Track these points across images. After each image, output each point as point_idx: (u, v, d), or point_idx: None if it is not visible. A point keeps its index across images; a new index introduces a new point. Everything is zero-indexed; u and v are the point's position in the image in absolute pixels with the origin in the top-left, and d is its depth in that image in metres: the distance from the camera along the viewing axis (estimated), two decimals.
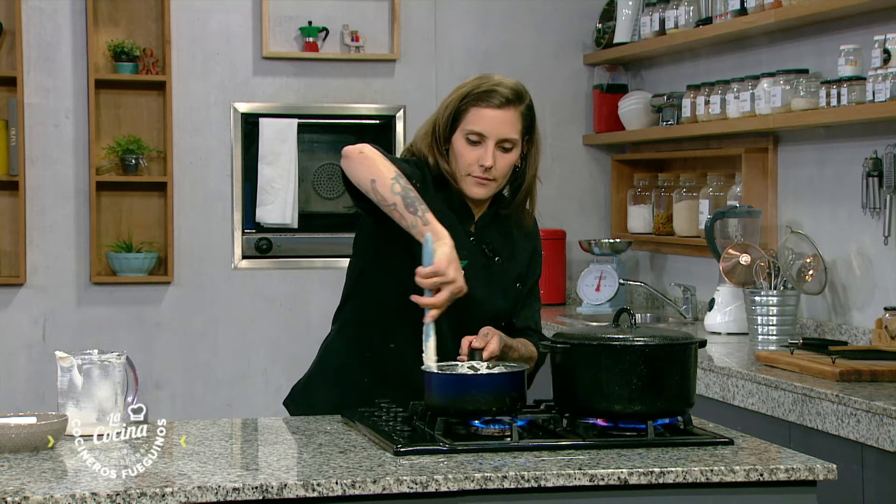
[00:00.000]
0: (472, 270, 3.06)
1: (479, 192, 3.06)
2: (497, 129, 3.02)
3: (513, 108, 3.04)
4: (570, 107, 6.31)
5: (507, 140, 3.03)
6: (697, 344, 2.77)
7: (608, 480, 2.45)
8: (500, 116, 3.02)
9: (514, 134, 3.04)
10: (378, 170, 2.90)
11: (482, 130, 3.02)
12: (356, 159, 2.93)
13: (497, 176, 3.04)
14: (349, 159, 2.94)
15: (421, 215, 2.85)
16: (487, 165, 3.01)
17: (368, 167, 2.91)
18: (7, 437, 2.57)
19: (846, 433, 3.44)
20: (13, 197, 5.74)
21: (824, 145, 4.70)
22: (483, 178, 3.03)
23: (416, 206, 2.86)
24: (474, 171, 3.03)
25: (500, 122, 3.02)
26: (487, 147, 3.02)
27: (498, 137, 3.02)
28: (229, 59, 5.96)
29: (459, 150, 3.04)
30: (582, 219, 6.31)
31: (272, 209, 5.92)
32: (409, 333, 2.99)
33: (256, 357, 6.01)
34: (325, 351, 3.25)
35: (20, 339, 5.80)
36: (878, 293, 4.39)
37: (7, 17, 5.73)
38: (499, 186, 3.08)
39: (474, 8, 6.18)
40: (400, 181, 2.88)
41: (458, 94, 3.07)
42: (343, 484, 2.36)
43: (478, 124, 3.02)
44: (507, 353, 2.99)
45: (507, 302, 3.15)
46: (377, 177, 2.89)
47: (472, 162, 3.02)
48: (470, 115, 3.03)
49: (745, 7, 4.89)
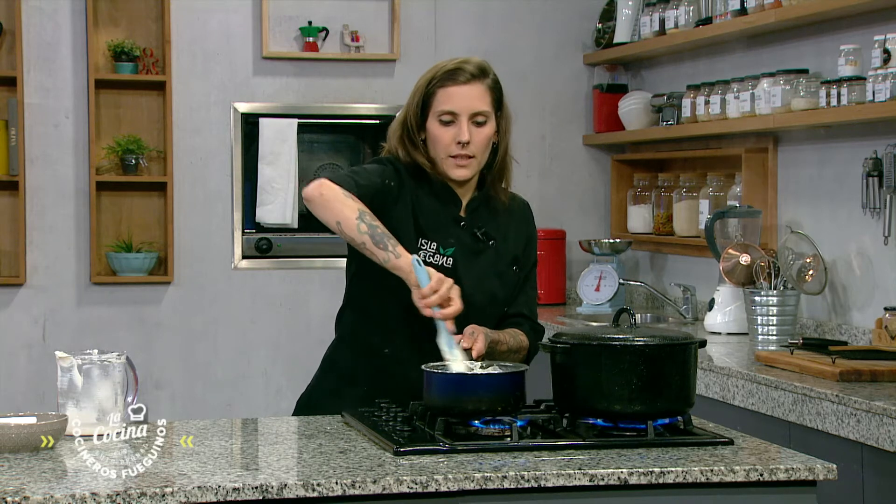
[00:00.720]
0: (463, 256, 3.06)
1: (460, 173, 3.06)
2: (467, 103, 3.04)
3: (479, 82, 3.07)
4: (570, 107, 6.31)
5: (480, 113, 3.05)
6: (697, 344, 2.77)
7: (608, 480, 2.45)
8: (469, 91, 3.05)
9: (486, 106, 3.06)
10: (341, 212, 2.91)
11: (453, 108, 3.04)
12: (318, 203, 2.94)
13: (476, 152, 3.05)
14: (312, 202, 2.95)
15: (392, 249, 2.88)
16: (464, 140, 3.02)
17: (332, 210, 2.92)
18: (7, 437, 2.57)
19: (846, 433, 3.44)
20: (13, 197, 5.74)
21: (824, 145, 4.70)
22: (462, 156, 3.04)
23: (384, 241, 2.88)
24: (452, 150, 3.04)
25: (469, 97, 3.05)
26: (461, 123, 3.03)
27: (470, 112, 3.04)
28: (229, 59, 5.96)
29: (435, 134, 3.06)
30: (582, 219, 6.31)
31: (272, 209, 5.92)
32: (405, 336, 2.99)
33: (256, 357, 6.01)
34: (326, 361, 3.25)
35: (20, 339, 5.80)
36: (878, 293, 4.39)
37: (7, 17, 5.73)
38: (480, 164, 3.08)
39: (474, 8, 6.18)
40: (365, 219, 2.90)
41: (423, 81, 3.10)
42: (343, 484, 2.36)
43: (448, 103, 3.04)
44: (494, 348, 2.98)
45: (503, 286, 3.14)
46: (341, 219, 2.91)
47: (449, 142, 3.04)
48: (438, 96, 3.06)
49: (745, 7, 4.89)
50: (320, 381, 3.23)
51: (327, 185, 2.93)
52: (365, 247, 2.89)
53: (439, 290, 2.81)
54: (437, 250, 3.05)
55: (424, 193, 3.08)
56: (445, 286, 2.81)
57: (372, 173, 3.03)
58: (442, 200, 3.10)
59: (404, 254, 2.87)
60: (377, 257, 2.89)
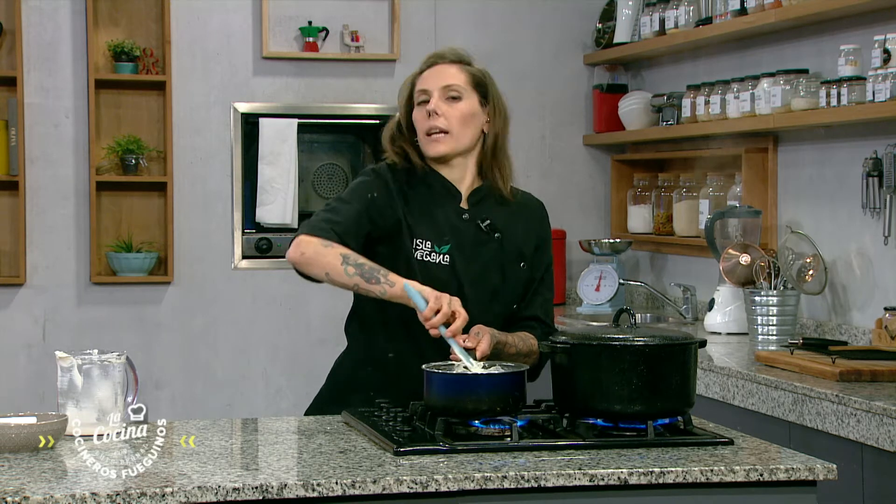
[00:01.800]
0: (464, 249, 3.06)
1: (434, 148, 3.08)
2: (436, 80, 3.09)
3: (452, 64, 3.11)
4: (570, 107, 6.31)
5: (450, 87, 3.07)
6: (697, 344, 2.77)
7: (608, 480, 2.45)
8: (438, 70, 3.11)
9: (457, 81, 3.08)
10: (326, 262, 2.94)
11: (425, 86, 3.09)
12: (303, 263, 2.97)
13: (448, 126, 3.06)
14: (297, 265, 2.98)
15: (385, 281, 2.90)
16: (431, 109, 3.05)
17: (316, 265, 2.95)
18: (7, 437, 2.57)
19: (846, 433, 3.44)
20: (13, 197, 5.74)
21: (824, 145, 4.70)
22: (433, 129, 3.06)
23: (375, 275, 2.91)
24: (424, 126, 3.07)
25: (438, 74, 3.10)
26: (432, 97, 3.07)
27: (439, 87, 3.07)
28: (229, 59, 5.96)
29: (415, 118, 3.11)
30: (582, 219, 6.31)
31: (272, 209, 5.92)
32: (409, 342, 2.99)
33: (256, 357, 6.01)
34: (334, 368, 3.25)
35: (20, 339, 5.80)
36: (878, 293, 4.39)
37: (7, 17, 5.73)
38: (456, 141, 3.08)
39: (474, 8, 6.18)
40: (349, 261, 2.92)
41: (407, 80, 3.16)
42: (343, 484, 2.36)
43: (421, 84, 3.11)
44: (502, 350, 2.97)
45: (506, 281, 3.12)
46: (328, 269, 2.94)
47: (423, 119, 3.08)
48: (416, 84, 3.12)
49: (745, 7, 4.89)
50: (328, 389, 3.23)
51: (304, 242, 2.96)
52: (359, 288, 2.93)
53: (441, 309, 2.81)
54: (433, 249, 3.05)
55: (419, 193, 3.08)
56: (445, 303, 2.82)
57: (350, 199, 3.06)
58: (440, 197, 3.10)
59: (398, 281, 2.89)
60: (374, 293, 2.91)
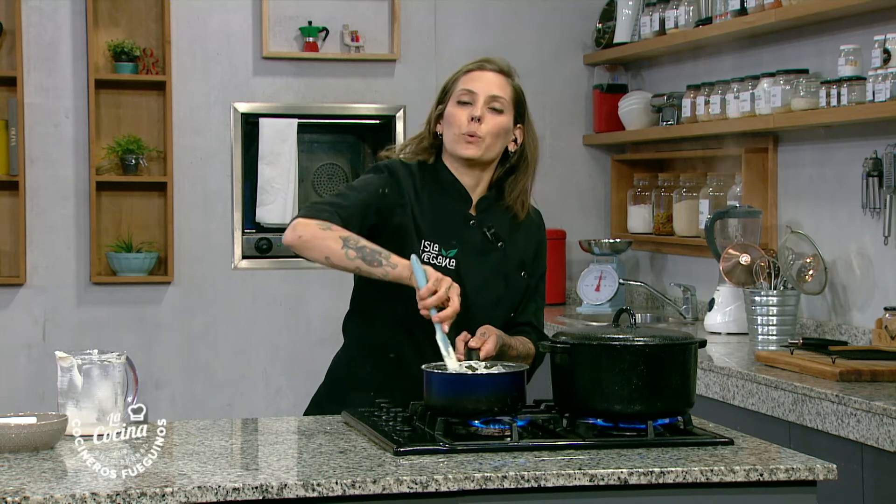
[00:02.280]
0: (469, 255, 3.06)
1: (468, 150, 3.06)
2: (487, 86, 3.06)
3: (503, 76, 3.10)
4: (570, 107, 6.32)
5: (497, 99, 3.06)
6: (697, 344, 2.77)
7: (608, 480, 2.45)
8: (490, 77, 3.09)
9: (504, 95, 3.07)
10: (326, 246, 2.90)
11: (472, 87, 3.07)
12: (300, 246, 2.93)
13: (485, 135, 3.05)
14: (295, 248, 2.94)
15: (386, 263, 2.88)
16: (477, 115, 3.03)
17: (316, 248, 2.91)
18: (7, 437, 2.57)
19: (846, 433, 3.44)
20: (13, 197, 5.74)
21: (824, 145, 4.70)
22: (471, 135, 3.04)
23: (376, 258, 2.89)
24: (464, 127, 3.05)
25: (489, 81, 3.08)
26: (477, 102, 3.05)
27: (487, 94, 3.06)
28: (229, 59, 5.96)
29: (451, 113, 3.08)
30: (582, 219, 6.31)
31: (272, 209, 5.92)
32: (410, 341, 2.99)
33: (256, 357, 6.01)
34: (333, 367, 3.24)
35: (20, 339, 5.80)
36: (878, 293, 4.39)
37: (7, 17, 5.73)
38: (488, 149, 3.07)
39: (474, 8, 6.18)
40: (350, 244, 2.89)
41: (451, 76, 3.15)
42: (343, 484, 2.36)
43: (469, 83, 3.08)
44: (505, 352, 2.98)
45: (508, 289, 3.13)
46: (328, 253, 2.90)
47: (463, 120, 3.05)
48: (461, 81, 3.10)
49: (745, 7, 4.89)
50: (327, 388, 3.22)
51: (301, 225, 2.92)
52: (361, 270, 2.90)
53: (438, 292, 2.80)
54: (440, 252, 3.05)
55: (430, 194, 3.08)
56: (444, 287, 2.81)
57: (361, 188, 3.04)
58: (450, 198, 3.09)
59: (400, 262, 2.87)
60: (376, 275, 2.89)
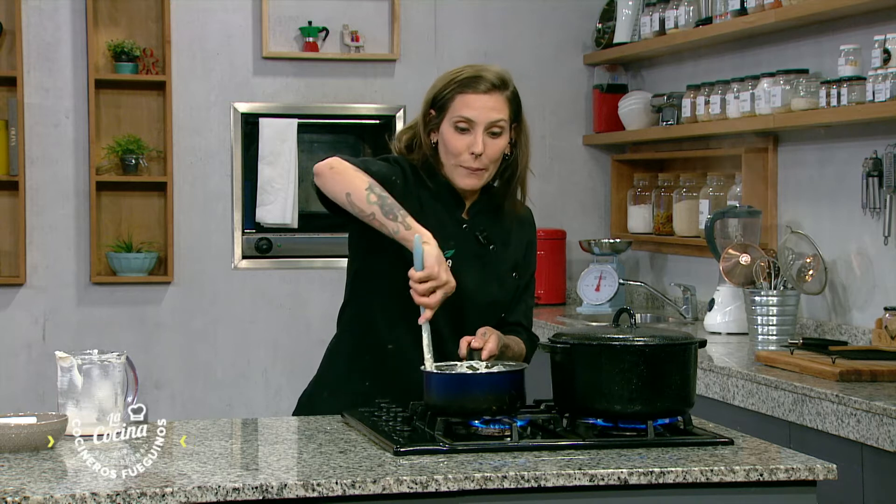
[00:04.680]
0: (464, 259, 3.06)
1: (469, 182, 3.05)
2: (485, 114, 3.01)
3: (499, 93, 3.04)
4: (570, 107, 6.32)
5: (496, 125, 3.02)
6: (697, 344, 2.77)
7: (608, 480, 2.45)
8: (487, 101, 3.02)
9: (502, 118, 3.04)
10: (352, 182, 2.91)
11: (470, 116, 3.01)
12: (328, 175, 2.94)
13: (488, 164, 3.04)
14: (321, 176, 2.95)
15: (402, 220, 2.87)
16: (478, 152, 3.01)
17: (341, 181, 2.91)
18: (7, 437, 2.57)
19: (846, 433, 3.44)
20: (13, 197, 5.75)
21: (824, 145, 4.70)
22: (474, 167, 3.02)
23: (394, 212, 2.87)
24: (464, 160, 3.02)
25: (487, 108, 3.02)
26: (476, 133, 3.01)
27: (486, 122, 3.01)
28: (229, 59, 5.96)
29: (448, 139, 3.03)
30: (582, 219, 6.31)
31: (272, 209, 5.92)
32: (407, 333, 2.99)
33: (256, 357, 6.01)
34: (328, 358, 3.24)
35: (20, 339, 5.80)
36: (878, 293, 4.39)
37: (7, 17, 5.73)
38: (490, 175, 3.07)
39: (474, 8, 6.18)
40: (375, 190, 2.89)
41: (442, 83, 3.07)
42: (343, 484, 2.36)
43: (465, 110, 3.01)
44: (503, 352, 2.99)
45: (502, 291, 3.13)
46: (351, 190, 2.90)
47: (462, 150, 3.02)
48: (456, 102, 3.03)
49: (745, 7, 4.89)
50: (323, 378, 3.22)
51: (338, 161, 2.95)
52: (374, 217, 2.88)
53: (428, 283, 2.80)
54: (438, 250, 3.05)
55: (428, 195, 3.08)
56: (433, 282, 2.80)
57: (381, 167, 3.04)
58: (445, 202, 3.09)
59: (415, 226, 2.86)
60: (387, 228, 2.87)
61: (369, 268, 3.07)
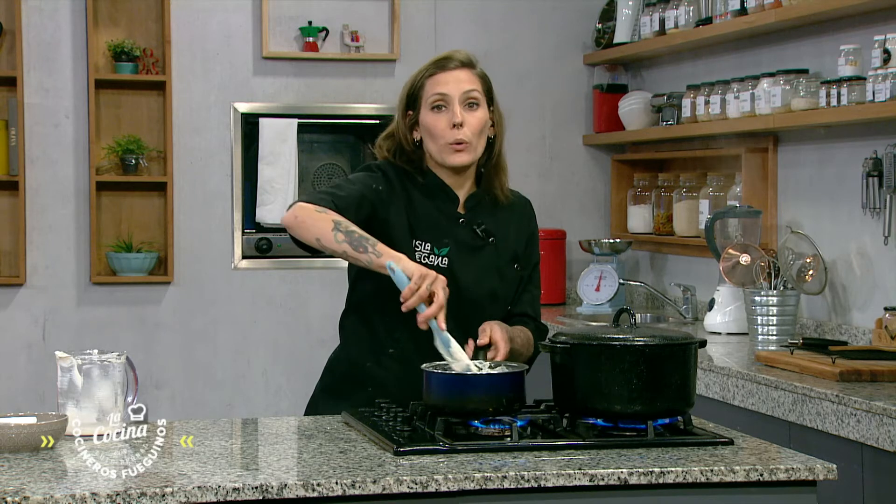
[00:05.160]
0: (462, 253, 3.06)
1: (459, 158, 3.06)
2: (457, 86, 3.06)
3: (467, 69, 3.09)
4: (570, 107, 6.32)
5: (470, 95, 3.06)
6: (697, 344, 2.77)
7: (608, 480, 2.45)
8: (457, 75, 3.07)
9: (475, 88, 3.07)
10: (317, 226, 2.92)
11: (444, 91, 3.05)
12: (294, 226, 2.96)
13: (471, 136, 3.05)
14: (290, 228, 2.97)
15: (371, 251, 2.88)
16: (457, 122, 3.03)
17: (309, 228, 2.93)
18: (7, 437, 2.57)
19: (846, 433, 3.44)
20: (13, 197, 5.75)
21: (824, 145, 4.70)
22: (458, 140, 3.04)
23: (363, 244, 2.89)
24: (448, 136, 3.04)
25: (458, 80, 3.06)
26: (453, 105, 3.05)
27: (460, 93, 3.05)
28: (229, 59, 5.96)
29: (430, 123, 3.06)
30: (582, 219, 6.31)
31: (272, 209, 5.92)
32: (408, 338, 2.99)
33: (256, 357, 6.01)
34: (330, 364, 3.24)
35: (20, 339, 5.80)
36: (878, 293, 4.39)
37: (7, 17, 5.73)
38: (476, 150, 3.08)
39: (474, 8, 6.18)
40: (340, 228, 2.91)
41: (410, 80, 3.13)
42: (343, 484, 2.36)
43: (438, 87, 3.06)
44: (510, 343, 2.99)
45: (503, 283, 3.14)
46: (319, 234, 2.92)
47: (444, 127, 3.04)
48: (427, 85, 3.08)
49: (745, 7, 4.89)
50: (326, 385, 3.22)
51: (300, 207, 2.95)
52: (347, 255, 2.91)
53: (419, 290, 2.79)
54: (432, 251, 3.06)
55: (419, 194, 3.08)
56: (426, 283, 2.79)
57: (356, 183, 3.05)
58: (438, 200, 3.10)
59: (385, 251, 2.87)
60: (361, 262, 2.89)
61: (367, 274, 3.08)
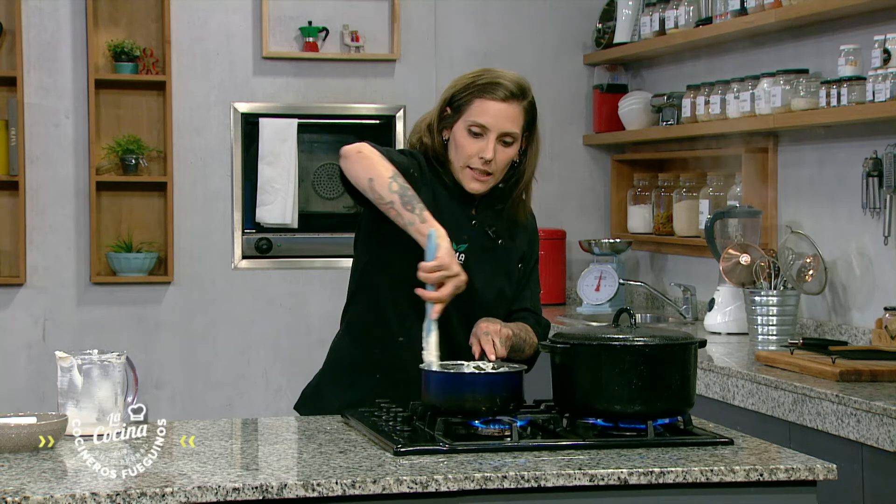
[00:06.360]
0: (474, 254, 3.07)
1: (476, 186, 3.07)
2: (500, 122, 3.02)
3: (517, 102, 3.05)
4: (570, 107, 6.32)
5: (509, 134, 3.04)
6: (697, 344, 2.78)
7: (608, 480, 2.45)
8: (504, 110, 3.03)
9: (516, 129, 3.05)
10: (376, 169, 2.92)
11: (485, 123, 3.02)
12: (354, 159, 2.95)
13: (495, 171, 3.06)
14: (347, 159, 2.96)
15: (418, 213, 2.87)
16: (488, 158, 3.02)
17: (366, 166, 2.93)
18: (7, 437, 2.57)
19: (846, 433, 3.44)
20: (13, 197, 5.75)
21: (824, 145, 4.70)
22: (481, 171, 3.04)
23: (413, 203, 2.88)
24: (473, 163, 3.04)
25: (503, 116, 3.03)
26: (489, 140, 3.03)
27: (500, 131, 3.03)
28: (229, 59, 5.96)
29: (460, 141, 3.05)
30: (582, 219, 6.31)
31: (272, 209, 5.92)
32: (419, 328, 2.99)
33: (256, 357, 6.01)
34: (334, 351, 3.24)
35: (20, 339, 5.80)
36: (878, 293, 4.39)
37: (7, 17, 5.73)
38: (495, 181, 3.09)
39: (474, 8, 6.18)
40: (397, 180, 2.90)
41: (461, 83, 3.08)
42: (343, 484, 2.36)
43: (481, 116, 3.03)
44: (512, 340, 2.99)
45: (510, 284, 3.16)
46: (375, 176, 2.91)
47: (473, 154, 3.03)
48: (473, 106, 3.04)
49: (745, 7, 4.89)
50: (329, 371, 3.22)
51: (367, 146, 2.97)
52: (392, 206, 2.89)
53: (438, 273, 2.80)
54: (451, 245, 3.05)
55: (443, 189, 3.10)
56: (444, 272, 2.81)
57: (402, 158, 3.05)
58: (457, 198, 3.11)
59: (430, 220, 2.87)
60: (403, 219, 2.88)
61: (381, 260, 3.08)
